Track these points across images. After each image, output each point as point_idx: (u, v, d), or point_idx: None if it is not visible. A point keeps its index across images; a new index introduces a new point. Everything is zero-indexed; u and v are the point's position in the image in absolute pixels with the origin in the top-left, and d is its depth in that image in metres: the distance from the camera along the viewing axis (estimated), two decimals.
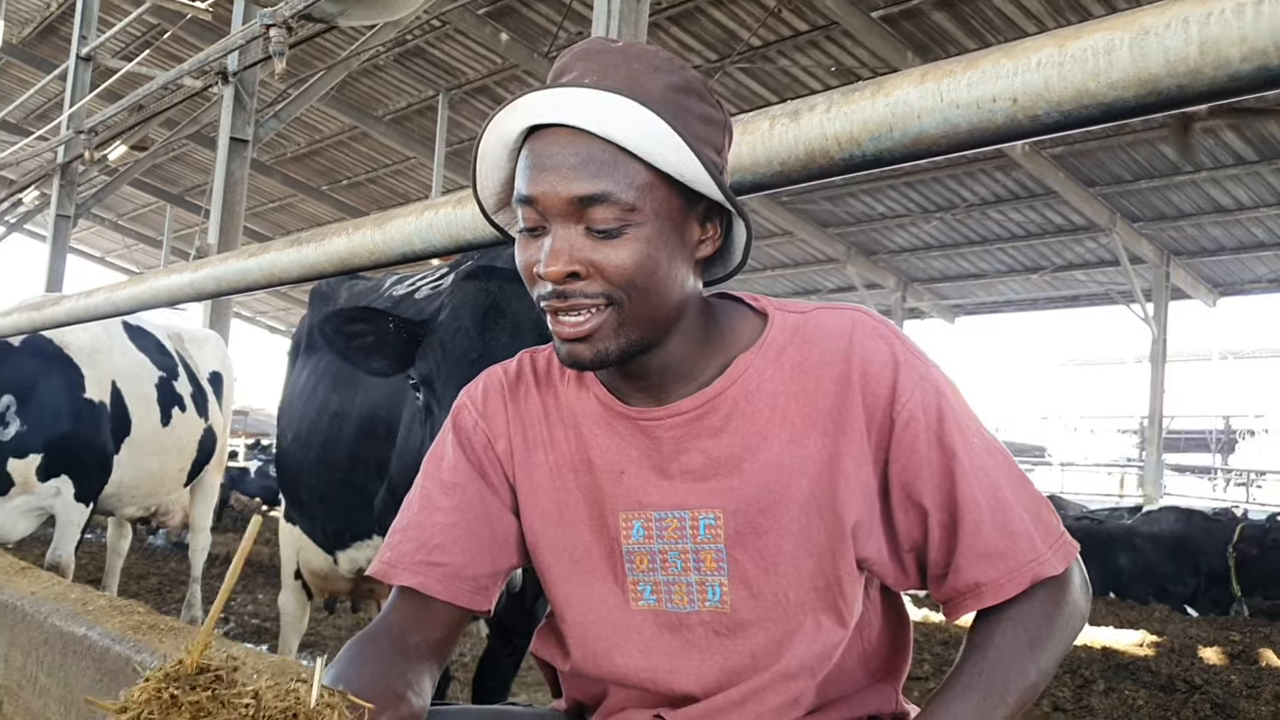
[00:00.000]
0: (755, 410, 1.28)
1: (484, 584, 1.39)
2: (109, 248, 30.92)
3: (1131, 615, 8.80)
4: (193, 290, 3.04)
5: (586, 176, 1.16)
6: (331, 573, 3.61)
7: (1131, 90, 1.21)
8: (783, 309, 1.35)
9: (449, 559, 1.36)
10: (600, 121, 1.15)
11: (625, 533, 1.33)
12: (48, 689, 3.14)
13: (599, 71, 1.18)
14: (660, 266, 1.20)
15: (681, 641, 1.32)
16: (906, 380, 1.26)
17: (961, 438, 1.26)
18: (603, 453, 1.34)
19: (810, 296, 22.27)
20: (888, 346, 1.28)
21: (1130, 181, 15.65)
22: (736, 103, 15.04)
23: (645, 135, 1.15)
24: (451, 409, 1.46)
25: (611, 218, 1.16)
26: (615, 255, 1.17)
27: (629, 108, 1.14)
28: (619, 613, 1.35)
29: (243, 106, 9.55)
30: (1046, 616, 1.25)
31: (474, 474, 1.40)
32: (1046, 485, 28.20)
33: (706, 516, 1.29)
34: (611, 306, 1.19)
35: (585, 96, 1.15)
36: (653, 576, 1.32)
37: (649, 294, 1.20)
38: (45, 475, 5.07)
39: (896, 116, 1.42)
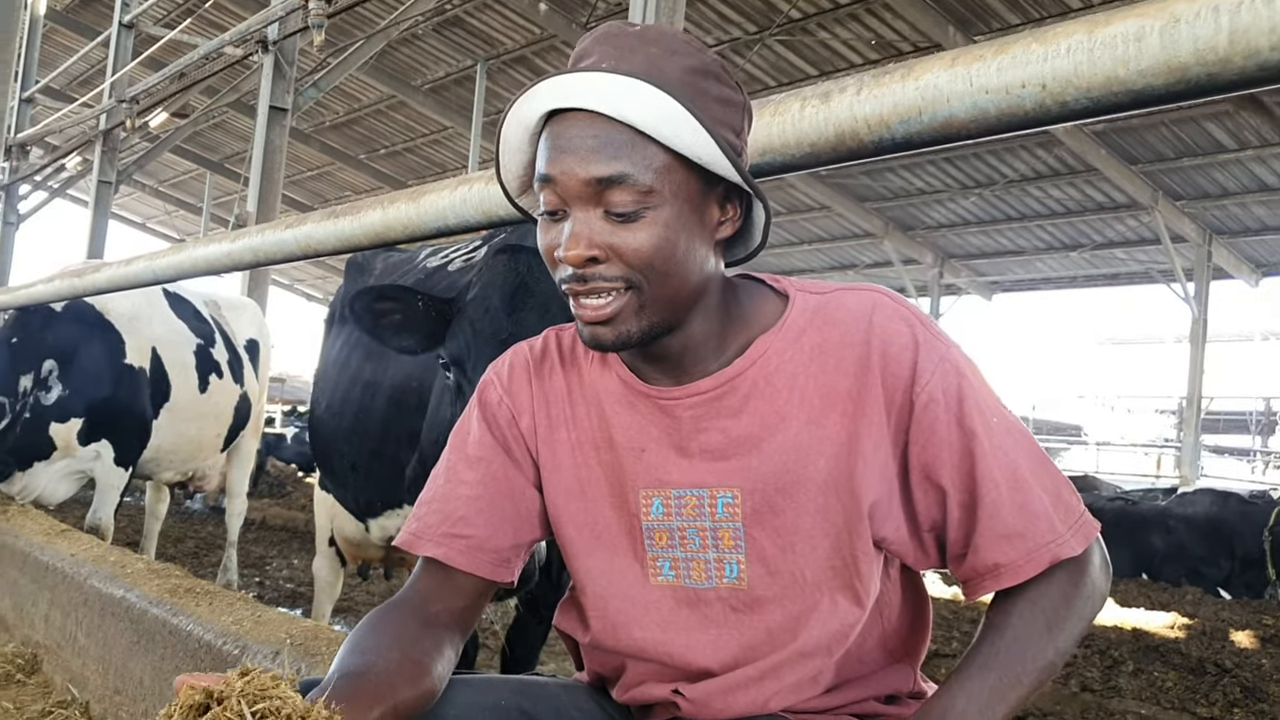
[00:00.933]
0: (774, 391, 1.30)
1: (506, 556, 1.42)
2: (150, 214, 31.19)
3: (1163, 597, 8.75)
4: (230, 260, 3.08)
5: (604, 159, 1.17)
6: (364, 540, 3.66)
7: (1161, 78, 1.21)
8: (803, 290, 1.36)
9: (472, 531, 1.39)
10: (616, 105, 1.16)
11: (645, 510, 1.35)
12: (86, 649, 3.21)
13: (616, 56, 1.19)
14: (679, 249, 1.21)
15: (699, 617, 1.34)
16: (926, 361, 1.27)
17: (981, 418, 1.26)
18: (624, 431, 1.36)
19: (847, 272, 22.16)
20: (908, 328, 1.29)
21: (1173, 159, 15.44)
22: (775, 76, 14.96)
23: (661, 118, 1.16)
24: (478, 385, 1.48)
25: (629, 200, 1.18)
26: (634, 239, 1.19)
27: (645, 91, 1.15)
28: (638, 588, 1.37)
29: (282, 75, 9.60)
30: (1065, 597, 1.26)
31: (498, 449, 1.43)
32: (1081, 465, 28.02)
33: (725, 495, 1.31)
34: (631, 290, 1.21)
35: (602, 80, 1.16)
36: (672, 553, 1.34)
37: (668, 276, 1.21)
38: (86, 439, 5.15)
39: (926, 100, 1.42)
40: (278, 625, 2.55)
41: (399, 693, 1.21)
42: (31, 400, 4.94)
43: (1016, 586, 1.27)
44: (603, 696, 1.46)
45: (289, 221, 2.84)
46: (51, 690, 3.34)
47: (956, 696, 1.20)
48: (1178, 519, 10.06)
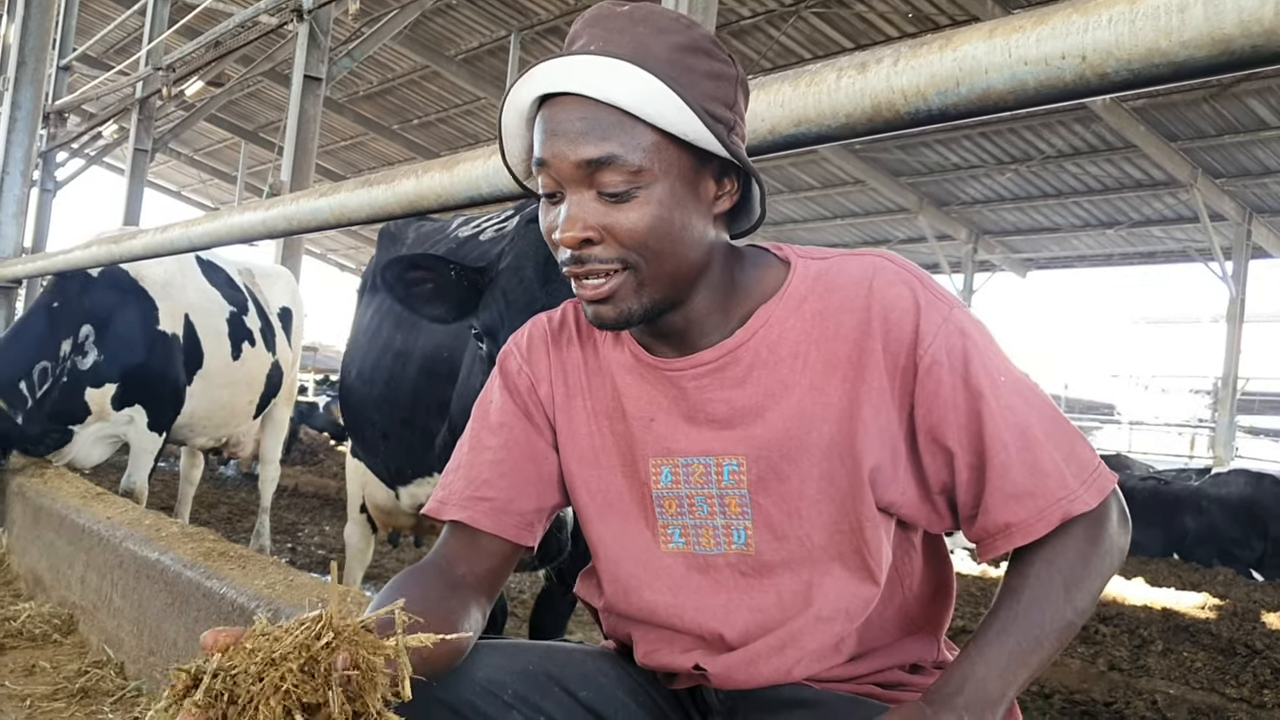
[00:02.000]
0: (777, 359, 1.30)
1: (530, 520, 1.44)
2: (185, 182, 31.41)
3: (1194, 578, 8.70)
4: (265, 228, 3.10)
5: (592, 140, 1.18)
6: (394, 508, 3.69)
7: (1204, 50, 1.20)
8: (805, 257, 1.36)
9: (496, 494, 1.42)
10: (601, 87, 1.18)
11: (655, 478, 1.37)
12: (121, 610, 3.26)
13: (604, 38, 1.20)
14: (674, 226, 1.22)
15: (710, 582, 1.36)
16: (929, 323, 1.26)
17: (988, 378, 1.25)
18: (634, 401, 1.38)
19: (879, 247, 21.99)
20: (909, 291, 1.28)
21: (1214, 136, 15.22)
22: (810, 48, 14.85)
23: (645, 98, 1.17)
24: (499, 355, 1.51)
25: (620, 180, 1.19)
26: (626, 219, 1.20)
27: (628, 71, 1.16)
28: (649, 554, 1.39)
29: (317, 44, 9.62)
30: (1082, 555, 1.25)
31: (519, 414, 1.46)
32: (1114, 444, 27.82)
33: (730, 463, 1.32)
34: (629, 270, 1.23)
35: (588, 63, 1.18)
36: (681, 520, 1.36)
37: (664, 255, 1.23)
38: (120, 404, 5.21)
39: (964, 71, 1.41)
40: (310, 589, 2.58)
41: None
42: (69, 365, 4.99)
43: (1031, 546, 1.26)
44: (629, 663, 1.47)
45: (323, 190, 2.85)
46: (87, 650, 3.39)
47: (975, 663, 1.19)
48: (1211, 499, 9.99)
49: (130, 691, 2.96)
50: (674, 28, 1.22)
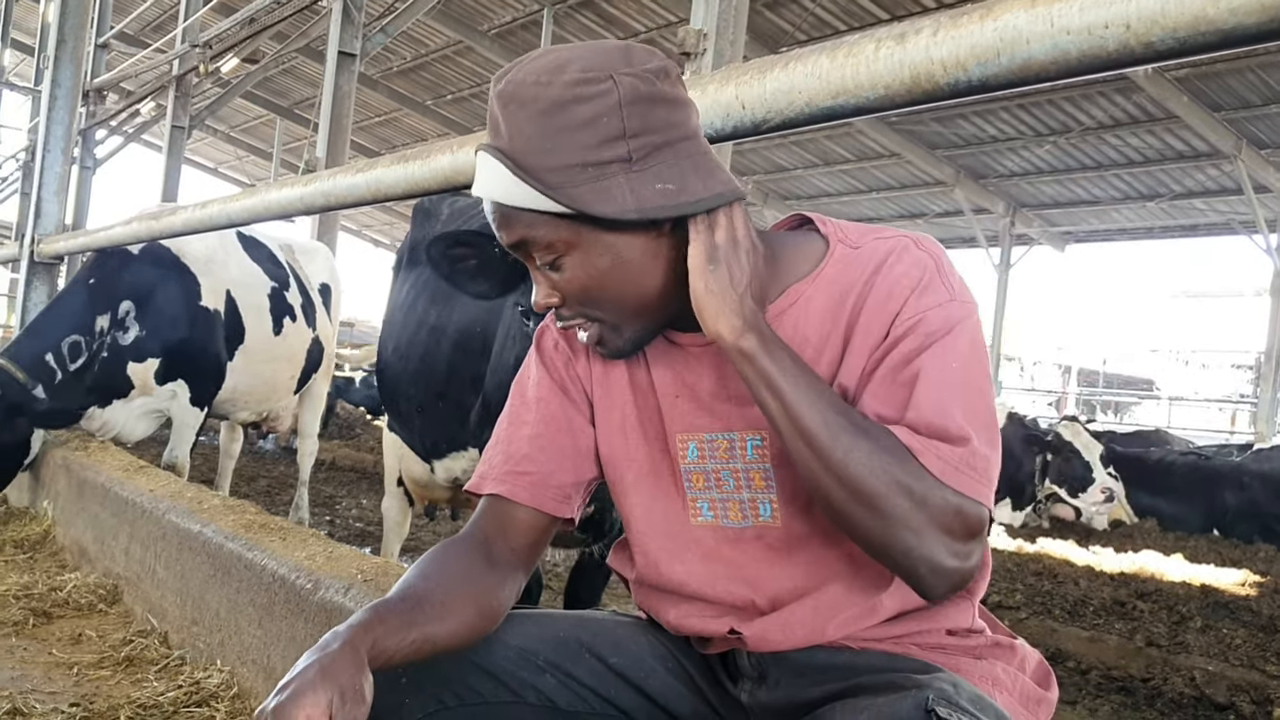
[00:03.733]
0: (802, 338, 1.32)
1: (568, 492, 1.47)
2: (221, 159, 31.61)
3: (1234, 554, 8.62)
4: (302, 204, 3.12)
5: (508, 228, 1.27)
6: (430, 481, 3.73)
7: (1253, 16, 1.18)
8: (844, 241, 1.36)
9: (535, 468, 1.45)
10: (490, 190, 1.25)
11: (682, 453, 1.40)
12: (165, 581, 3.31)
13: (494, 126, 1.26)
14: (612, 276, 1.27)
15: (739, 555, 1.38)
16: (920, 302, 1.26)
17: (941, 357, 1.23)
18: (663, 377, 1.42)
19: (916, 221, 21.86)
20: (919, 272, 1.28)
21: (1259, 106, 14.95)
22: (845, 19, 14.72)
23: (518, 195, 1.22)
24: (535, 332, 1.55)
25: (544, 254, 1.27)
26: (566, 283, 1.28)
27: (498, 172, 1.22)
28: (680, 527, 1.42)
29: (351, 21, 9.64)
30: (909, 469, 1.18)
31: (556, 389, 1.49)
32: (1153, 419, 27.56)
33: (753, 438, 1.35)
34: (597, 322, 1.31)
35: (480, 162, 1.26)
36: (709, 494, 1.39)
37: (617, 299, 1.29)
38: (163, 379, 5.27)
39: (1005, 42, 1.40)
40: (349, 561, 2.61)
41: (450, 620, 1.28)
42: (109, 340, 5.04)
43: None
44: (659, 631, 1.50)
45: (359, 165, 2.87)
46: (132, 620, 3.44)
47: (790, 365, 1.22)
48: (1253, 475, 9.88)
49: (174, 660, 3.01)
50: (532, 94, 1.22)
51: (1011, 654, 1.39)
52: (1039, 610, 5.85)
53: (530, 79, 1.22)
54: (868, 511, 1.16)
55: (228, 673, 2.77)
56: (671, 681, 1.44)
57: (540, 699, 1.35)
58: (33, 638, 3.25)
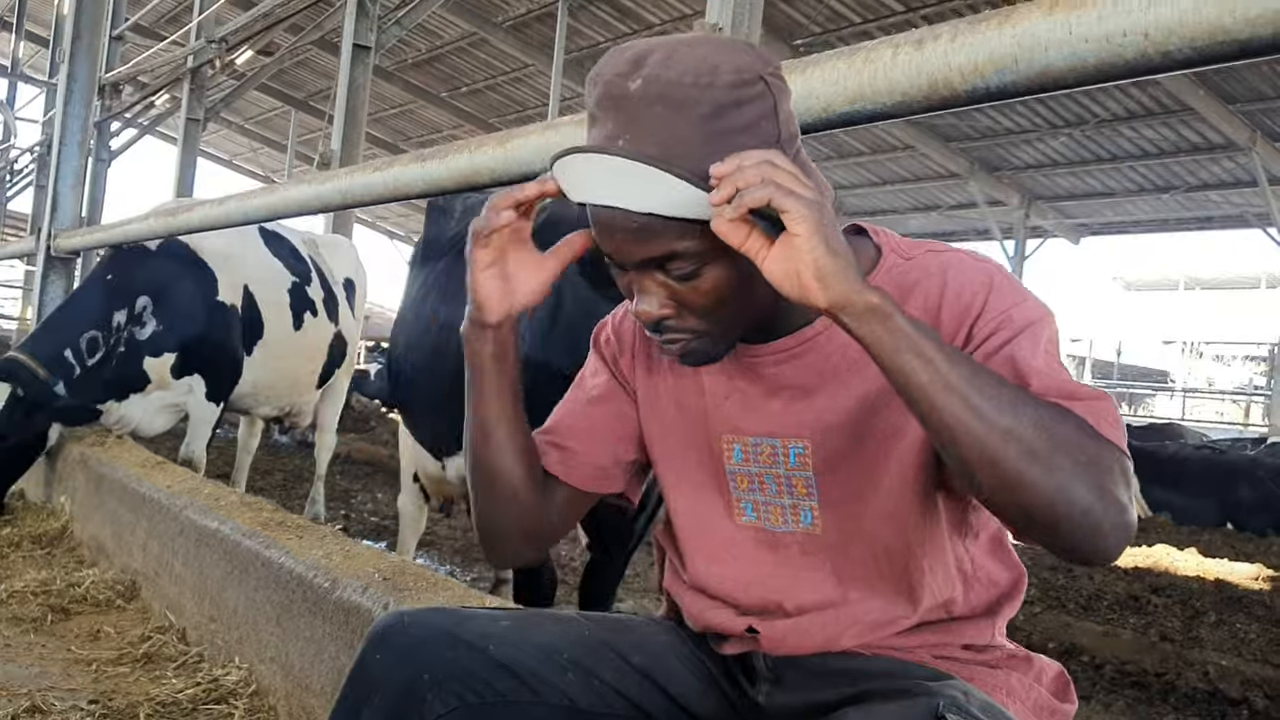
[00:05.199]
0: (851, 347, 1.28)
1: (606, 471, 1.51)
2: (236, 151, 31.67)
3: (1249, 548, 8.60)
4: (319, 202, 3.14)
5: (648, 241, 1.19)
6: (443, 478, 3.74)
7: (1269, 28, 1.18)
8: (896, 251, 1.36)
9: (570, 443, 1.50)
10: (636, 201, 1.15)
11: (728, 454, 1.41)
12: (183, 577, 3.33)
13: (628, 128, 1.16)
14: (741, 284, 1.22)
15: (778, 558, 1.39)
16: (998, 302, 1.25)
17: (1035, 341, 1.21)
18: (713, 378, 1.42)
19: (930, 213, 21.81)
20: (985, 277, 1.28)
21: (1273, 98, 14.86)
22: (861, 12, 14.67)
23: (681, 205, 1.14)
24: (595, 328, 1.59)
25: (685, 266, 1.20)
26: (697, 295, 1.23)
27: (656, 181, 1.13)
28: (724, 525, 1.43)
29: (365, 14, 9.64)
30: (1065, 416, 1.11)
31: (606, 371, 1.54)
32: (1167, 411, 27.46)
33: (796, 445, 1.35)
34: (704, 334, 1.27)
35: (617, 171, 1.15)
36: (753, 496, 1.40)
37: (737, 312, 1.26)
38: (179, 374, 5.30)
39: (1022, 49, 1.40)
40: (366, 560, 2.63)
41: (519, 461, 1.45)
42: (126, 335, 5.08)
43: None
44: (682, 631, 1.51)
45: (378, 164, 2.88)
46: (150, 616, 3.47)
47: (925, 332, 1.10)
48: (1267, 469, 9.86)
49: (193, 657, 3.03)
50: (692, 95, 1.15)
51: (1028, 665, 1.39)
52: (1053, 604, 5.86)
53: (686, 79, 1.15)
54: (1043, 470, 1.05)
55: (246, 670, 2.79)
56: (694, 682, 1.45)
57: (561, 698, 1.36)
58: (51, 634, 3.28)
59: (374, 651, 1.35)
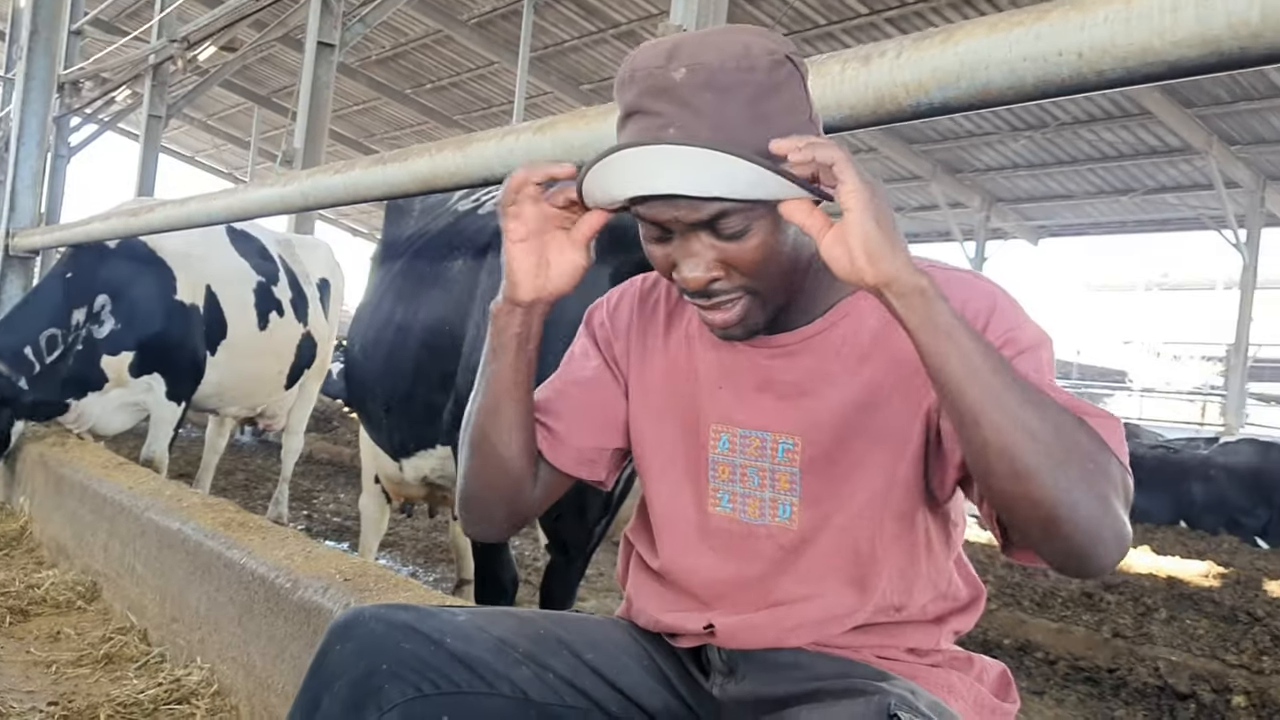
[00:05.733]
0: (849, 350, 1.36)
1: (590, 456, 1.53)
2: (198, 147, 31.40)
3: (1200, 545, 8.76)
4: (282, 204, 3.15)
5: (701, 208, 1.21)
6: (401, 479, 3.76)
7: (1195, 50, 1.24)
8: None
9: (556, 424, 1.51)
10: (694, 187, 1.18)
11: (714, 443, 1.44)
12: (144, 578, 3.34)
13: (677, 116, 1.20)
14: (785, 247, 1.27)
15: (747, 550, 1.42)
16: (999, 323, 1.28)
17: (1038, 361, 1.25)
18: (708, 367, 1.45)
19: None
20: (990, 299, 1.31)
21: (1229, 102, 15.12)
22: (824, 13, 14.76)
23: (744, 185, 1.17)
24: (589, 308, 1.61)
25: (736, 223, 1.23)
26: (745, 254, 1.25)
27: (718, 165, 1.15)
28: (697, 515, 1.46)
29: (330, 11, 9.62)
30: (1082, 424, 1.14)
31: (598, 356, 1.55)
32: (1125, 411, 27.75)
33: (786, 441, 1.39)
34: (750, 294, 1.29)
35: (674, 160, 1.17)
36: (731, 487, 1.43)
37: (782, 273, 1.29)
38: (137, 372, 5.29)
39: (965, 66, 1.45)
40: (328, 561, 2.65)
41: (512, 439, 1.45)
42: (84, 333, 5.07)
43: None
44: (636, 630, 1.54)
45: (339, 167, 2.90)
46: (111, 617, 3.46)
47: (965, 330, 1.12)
48: (1219, 468, 10.03)
49: (154, 658, 3.04)
50: (737, 79, 1.20)
51: (969, 665, 1.43)
52: (1009, 601, 5.94)
53: (729, 64, 1.20)
54: (1055, 469, 1.08)
55: (208, 670, 2.81)
56: (644, 678, 1.48)
57: (514, 690, 1.39)
58: (10, 636, 3.27)
59: (335, 643, 1.38)
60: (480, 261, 3.18)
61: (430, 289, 3.40)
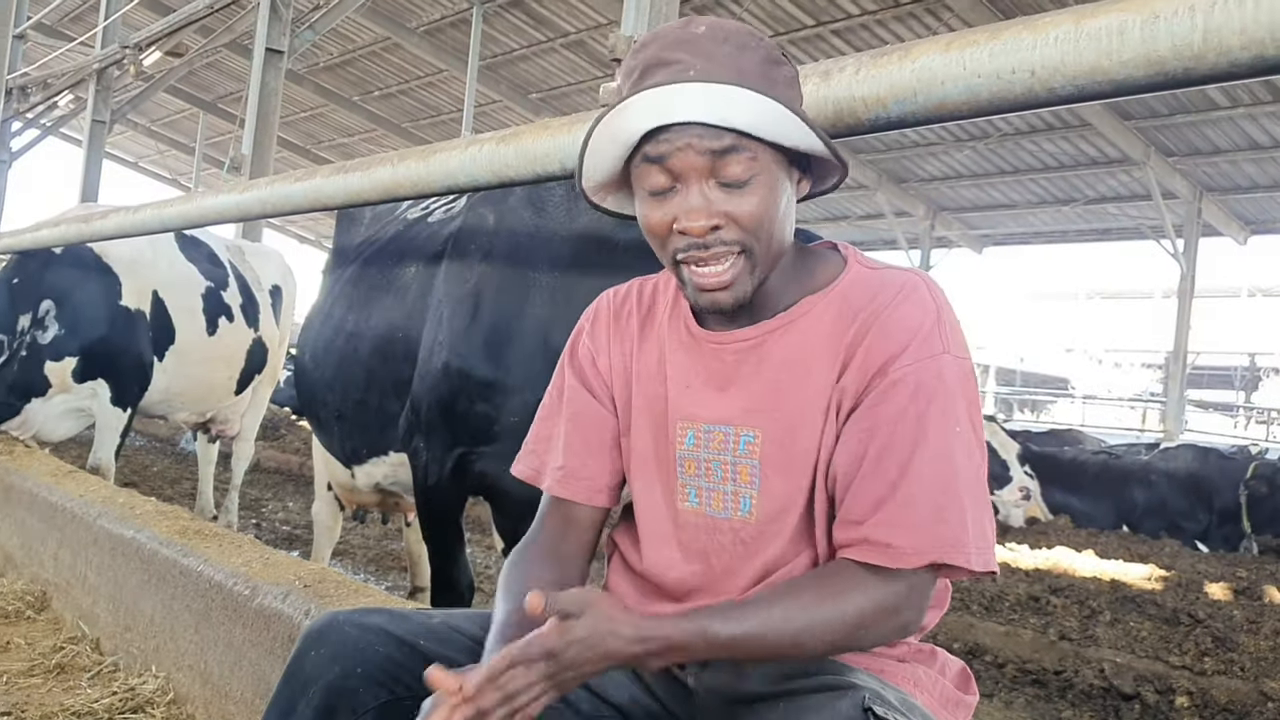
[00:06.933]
0: (808, 346, 1.40)
1: (610, 484, 1.59)
2: (142, 153, 30.98)
3: (1142, 550, 8.91)
4: (239, 211, 3.15)
5: (716, 137, 1.29)
6: (354, 485, 3.75)
7: (1141, 70, 1.29)
8: (862, 263, 1.46)
9: (582, 469, 1.57)
10: (722, 115, 1.27)
11: (680, 439, 1.49)
12: (97, 587, 3.31)
13: (698, 63, 1.29)
14: (780, 209, 1.34)
15: (713, 544, 1.46)
16: (918, 350, 1.33)
17: (941, 423, 1.31)
18: (676, 367, 1.50)
19: (839, 223, 22.18)
20: (923, 315, 1.35)
21: (1166, 115, 15.45)
22: (772, 25, 14.88)
23: (768, 120, 1.28)
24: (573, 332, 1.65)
25: (741, 169, 1.30)
26: (747, 204, 1.31)
27: (744, 98, 1.26)
28: (668, 511, 1.51)
29: (278, 17, 9.54)
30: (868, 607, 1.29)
31: (584, 391, 1.60)
32: (1068, 417, 28.19)
33: (747, 434, 1.43)
34: (744, 254, 1.34)
35: (701, 92, 1.26)
36: (697, 482, 1.47)
37: (774, 236, 1.35)
38: (81, 378, 5.25)
39: (921, 82, 1.50)
40: (286, 568, 2.65)
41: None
42: (29, 339, 5.03)
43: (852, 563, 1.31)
44: None
45: (299, 175, 2.90)
46: (62, 627, 3.43)
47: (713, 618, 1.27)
48: (1159, 473, 10.21)
49: (107, 667, 3.02)
50: (753, 43, 1.33)
51: (932, 659, 1.47)
52: (957, 605, 6.03)
53: (742, 31, 1.33)
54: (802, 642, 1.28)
55: (163, 678, 2.79)
56: (615, 673, 1.51)
57: None
58: None
59: (309, 649, 1.40)
60: (434, 268, 3.20)
61: (383, 295, 3.41)
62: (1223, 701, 4.52)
